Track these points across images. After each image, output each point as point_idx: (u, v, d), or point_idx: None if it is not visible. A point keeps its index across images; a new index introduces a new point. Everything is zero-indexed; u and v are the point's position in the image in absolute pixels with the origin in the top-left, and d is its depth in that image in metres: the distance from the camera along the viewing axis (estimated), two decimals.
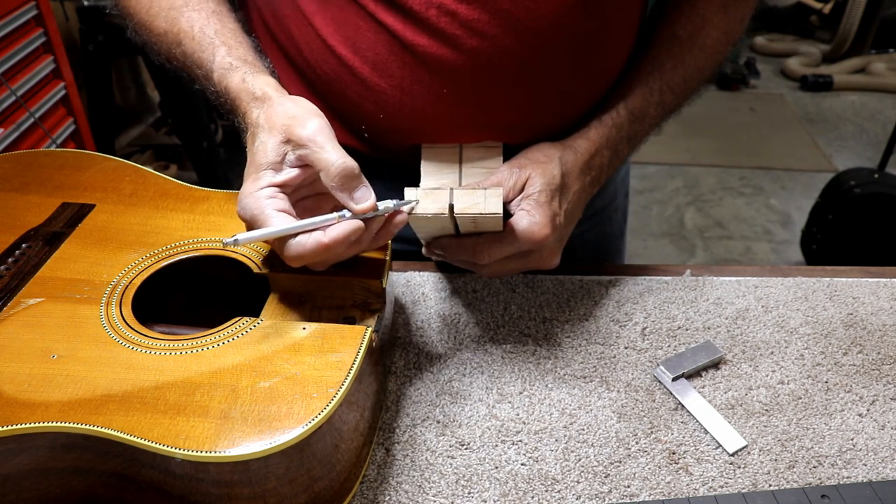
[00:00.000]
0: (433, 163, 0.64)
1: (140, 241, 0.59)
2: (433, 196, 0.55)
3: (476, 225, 0.58)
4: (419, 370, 0.61)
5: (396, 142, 0.67)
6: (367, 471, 0.53)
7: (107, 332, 0.51)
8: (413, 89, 0.62)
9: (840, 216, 2.12)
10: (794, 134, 3.17)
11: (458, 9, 0.58)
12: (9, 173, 0.66)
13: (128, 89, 2.51)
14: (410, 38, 0.60)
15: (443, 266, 0.72)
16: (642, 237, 2.45)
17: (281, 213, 0.50)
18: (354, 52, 0.62)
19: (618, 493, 0.52)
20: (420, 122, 0.64)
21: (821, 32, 3.87)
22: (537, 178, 0.60)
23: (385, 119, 0.64)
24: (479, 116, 0.64)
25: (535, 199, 0.59)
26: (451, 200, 0.55)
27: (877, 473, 0.54)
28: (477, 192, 0.55)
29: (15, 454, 0.45)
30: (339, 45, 0.62)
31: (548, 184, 0.60)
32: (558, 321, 0.66)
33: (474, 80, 0.61)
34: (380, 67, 0.62)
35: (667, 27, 0.69)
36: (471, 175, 0.63)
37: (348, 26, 0.61)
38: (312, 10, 0.63)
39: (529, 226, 0.58)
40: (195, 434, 0.43)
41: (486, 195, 0.55)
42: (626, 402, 0.59)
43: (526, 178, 0.60)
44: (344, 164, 0.50)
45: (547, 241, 0.59)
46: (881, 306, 0.69)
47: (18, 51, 1.42)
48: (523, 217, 0.59)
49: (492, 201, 0.55)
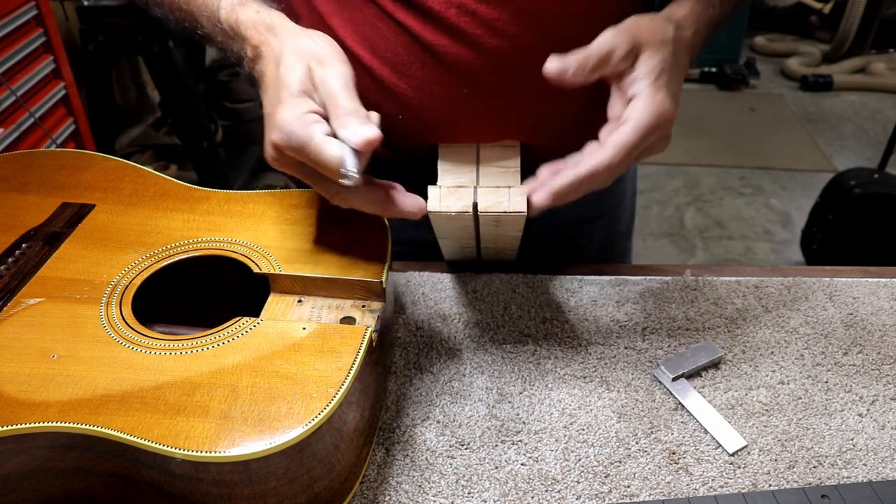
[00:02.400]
0: (450, 162, 0.63)
1: (140, 241, 0.59)
2: (457, 194, 0.54)
3: (499, 224, 0.57)
4: (419, 370, 0.61)
5: (414, 142, 0.66)
6: (367, 471, 0.53)
7: (107, 332, 0.51)
8: (433, 90, 0.62)
9: (840, 216, 2.12)
10: (794, 134, 3.17)
11: (479, 8, 0.58)
12: (9, 173, 0.66)
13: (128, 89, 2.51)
14: (430, 39, 0.59)
15: (443, 266, 0.73)
16: (642, 237, 2.45)
17: (331, 138, 0.49)
18: (373, 54, 0.62)
19: (618, 493, 0.52)
20: (439, 122, 0.64)
21: (821, 32, 3.87)
22: (653, 54, 0.55)
23: (404, 120, 0.64)
24: (498, 116, 0.63)
25: (653, 81, 0.54)
26: (475, 199, 0.54)
27: (877, 473, 0.54)
28: (501, 190, 0.54)
29: (15, 454, 0.45)
30: (357, 46, 0.62)
31: (664, 61, 0.55)
32: (558, 321, 0.66)
33: (494, 79, 0.61)
34: (399, 68, 0.61)
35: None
36: (488, 174, 0.62)
37: (367, 27, 0.61)
38: (330, 12, 0.62)
39: (656, 110, 0.53)
40: (195, 434, 0.43)
41: (511, 193, 0.54)
42: (626, 402, 0.59)
43: (639, 51, 0.55)
44: None
45: (671, 121, 0.54)
46: (881, 306, 0.69)
47: (18, 51, 1.42)
48: (645, 102, 0.53)
49: (516, 200, 0.54)
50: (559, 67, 0.53)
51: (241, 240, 0.59)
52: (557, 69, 0.53)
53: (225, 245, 0.59)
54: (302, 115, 0.49)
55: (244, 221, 0.61)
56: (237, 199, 0.64)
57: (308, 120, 0.49)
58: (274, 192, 0.65)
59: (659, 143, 0.56)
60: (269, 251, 0.58)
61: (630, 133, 0.53)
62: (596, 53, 0.54)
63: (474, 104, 0.62)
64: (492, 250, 0.69)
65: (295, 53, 0.52)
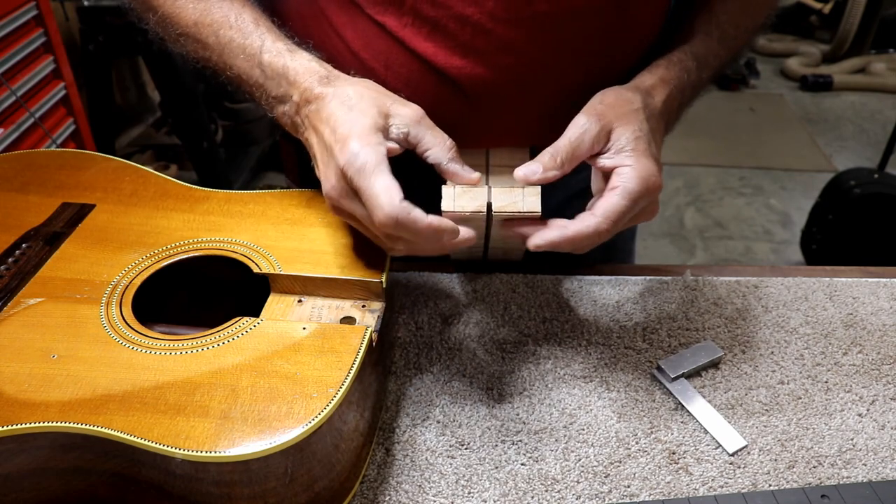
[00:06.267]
0: None
1: (140, 241, 0.59)
2: (471, 194, 0.54)
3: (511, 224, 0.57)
4: (419, 370, 0.61)
5: None
6: (367, 471, 0.53)
7: (107, 332, 0.51)
8: (446, 105, 0.62)
9: (840, 216, 2.12)
10: (793, 134, 3.17)
11: (495, 28, 0.58)
12: (9, 173, 0.66)
13: (128, 89, 2.51)
14: (443, 62, 0.60)
15: (443, 266, 0.73)
16: (642, 237, 2.45)
17: (394, 180, 0.49)
18: (386, 68, 0.62)
19: (618, 493, 0.52)
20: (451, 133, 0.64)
21: (821, 32, 3.87)
22: (626, 127, 0.55)
23: None
24: (510, 127, 0.64)
25: (632, 150, 0.55)
26: (489, 199, 0.54)
27: (877, 473, 0.54)
28: (515, 191, 0.54)
29: (15, 454, 0.45)
30: (370, 59, 0.62)
31: (639, 130, 0.56)
32: (558, 321, 0.66)
33: (507, 94, 0.61)
34: (412, 85, 0.62)
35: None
36: (499, 175, 0.62)
37: (379, 42, 0.61)
38: (342, 23, 0.62)
39: (643, 175, 0.53)
40: (195, 434, 0.43)
41: (525, 193, 0.54)
42: (626, 402, 0.59)
43: (610, 129, 0.56)
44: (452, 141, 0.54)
45: (659, 187, 0.55)
46: (881, 306, 0.69)
47: (18, 51, 1.42)
48: (631, 170, 0.54)
49: (530, 199, 0.54)
50: (526, 174, 0.55)
51: (241, 240, 0.59)
52: (525, 175, 0.55)
53: (225, 245, 0.59)
54: (376, 146, 0.50)
55: (244, 221, 0.61)
56: (237, 199, 0.64)
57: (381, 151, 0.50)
58: (274, 192, 0.65)
59: (647, 210, 0.56)
60: (269, 251, 0.58)
61: (618, 201, 0.53)
62: (565, 147, 0.55)
63: (486, 116, 0.63)
64: (499, 250, 0.69)
65: (359, 96, 0.53)
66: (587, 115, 0.56)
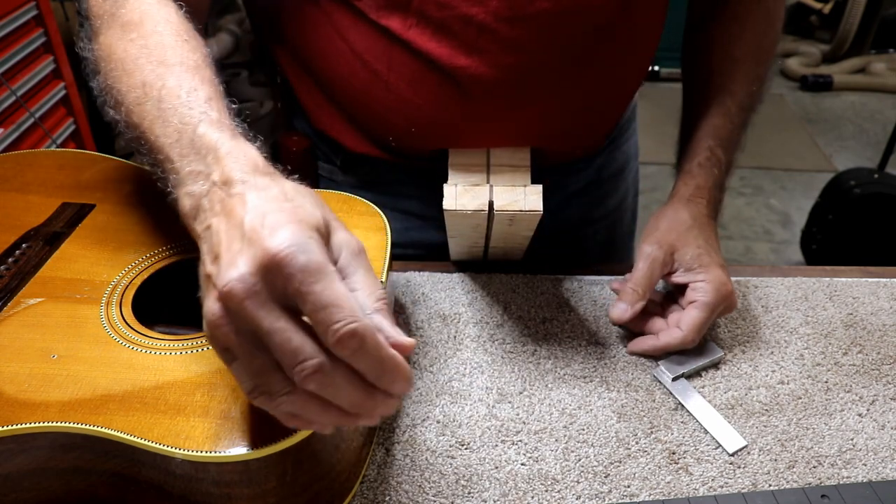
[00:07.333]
0: (461, 165, 0.63)
1: (140, 241, 0.59)
2: (472, 192, 0.54)
3: (512, 223, 0.57)
4: (419, 370, 0.61)
5: (424, 148, 0.67)
6: (367, 471, 0.53)
7: (107, 332, 0.51)
8: (448, 105, 0.62)
9: (840, 216, 2.12)
10: (794, 134, 3.17)
11: (500, 27, 0.58)
12: (9, 173, 0.66)
13: None
14: (448, 61, 0.60)
15: (443, 266, 0.73)
16: None
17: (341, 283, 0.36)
18: (390, 69, 0.62)
19: (618, 493, 0.52)
20: (452, 133, 0.64)
21: (821, 32, 3.87)
22: (687, 247, 0.63)
23: (417, 131, 0.64)
24: (511, 126, 0.64)
25: (699, 266, 0.61)
26: (491, 197, 0.54)
27: (877, 473, 0.54)
28: (516, 189, 0.54)
29: (15, 454, 0.45)
30: (374, 60, 0.62)
31: (698, 246, 0.62)
32: (558, 321, 0.66)
33: (509, 93, 0.61)
34: (416, 85, 0.62)
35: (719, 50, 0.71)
36: (500, 174, 0.62)
37: (383, 42, 0.61)
38: (346, 25, 0.62)
39: (716, 286, 0.60)
40: (195, 434, 0.43)
41: (527, 192, 0.54)
42: (626, 402, 0.59)
43: (673, 251, 0.63)
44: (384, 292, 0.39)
45: (731, 292, 0.62)
46: (881, 306, 0.69)
47: (18, 51, 1.41)
48: (704, 283, 0.61)
49: (532, 198, 0.54)
50: (622, 316, 0.62)
51: None
52: (618, 317, 0.62)
53: None
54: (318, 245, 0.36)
55: None
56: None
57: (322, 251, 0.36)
58: None
59: (726, 310, 0.63)
60: None
61: (699, 314, 0.60)
62: (642, 279, 0.61)
63: (489, 116, 0.63)
64: (500, 250, 0.69)
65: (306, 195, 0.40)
66: (650, 243, 0.63)
